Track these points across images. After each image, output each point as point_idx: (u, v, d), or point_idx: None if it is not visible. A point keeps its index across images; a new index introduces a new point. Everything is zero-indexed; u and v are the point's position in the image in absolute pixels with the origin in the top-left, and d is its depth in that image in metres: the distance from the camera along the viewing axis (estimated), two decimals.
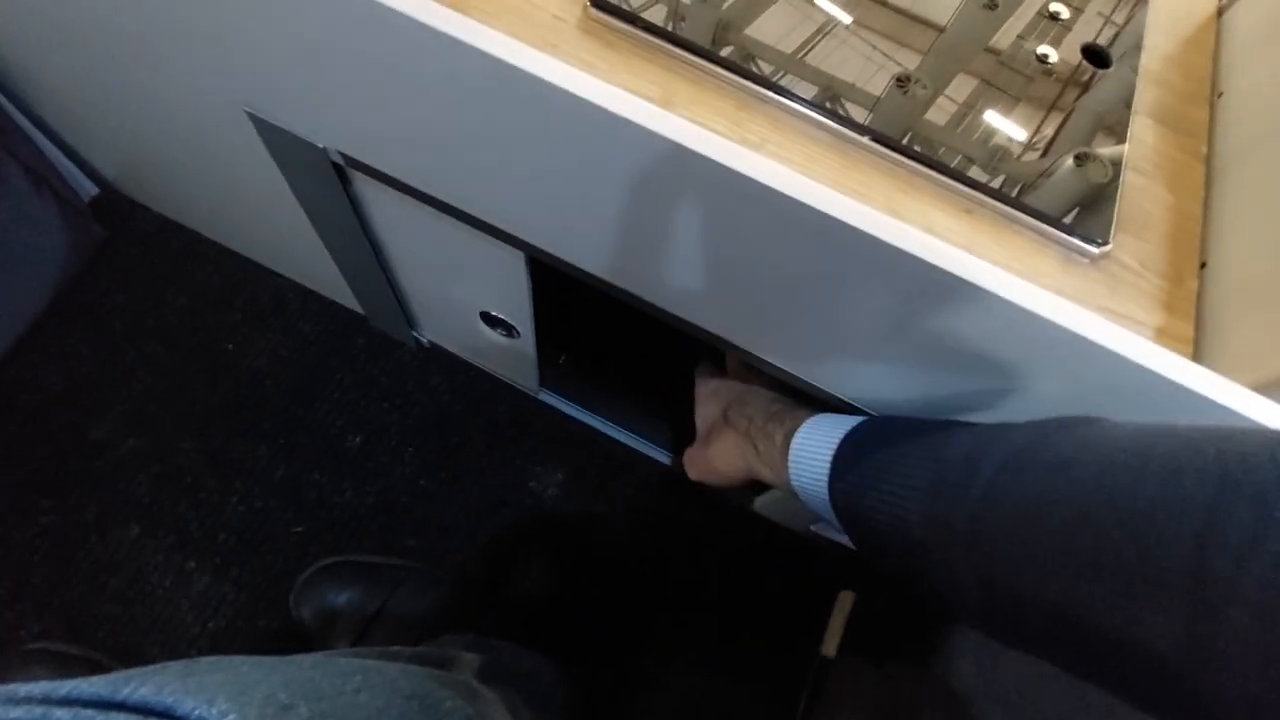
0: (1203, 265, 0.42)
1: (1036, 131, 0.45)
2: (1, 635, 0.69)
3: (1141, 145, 0.46)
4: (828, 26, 0.46)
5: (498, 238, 0.47)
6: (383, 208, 0.53)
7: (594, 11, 0.43)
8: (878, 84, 0.44)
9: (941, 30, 0.47)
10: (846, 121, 0.41)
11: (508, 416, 0.85)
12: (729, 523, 0.82)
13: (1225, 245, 0.42)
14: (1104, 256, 0.40)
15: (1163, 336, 0.39)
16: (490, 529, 0.80)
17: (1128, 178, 0.43)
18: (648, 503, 0.83)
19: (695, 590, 0.80)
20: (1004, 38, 0.48)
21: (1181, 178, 0.45)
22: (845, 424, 0.41)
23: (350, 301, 0.83)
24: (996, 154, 0.42)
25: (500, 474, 0.83)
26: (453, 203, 0.45)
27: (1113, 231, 0.40)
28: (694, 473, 0.57)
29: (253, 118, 0.48)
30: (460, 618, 0.69)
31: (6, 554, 0.73)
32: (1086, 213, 0.41)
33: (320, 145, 0.47)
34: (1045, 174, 0.42)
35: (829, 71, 0.43)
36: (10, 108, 0.79)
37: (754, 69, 0.42)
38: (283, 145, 0.49)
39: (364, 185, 0.51)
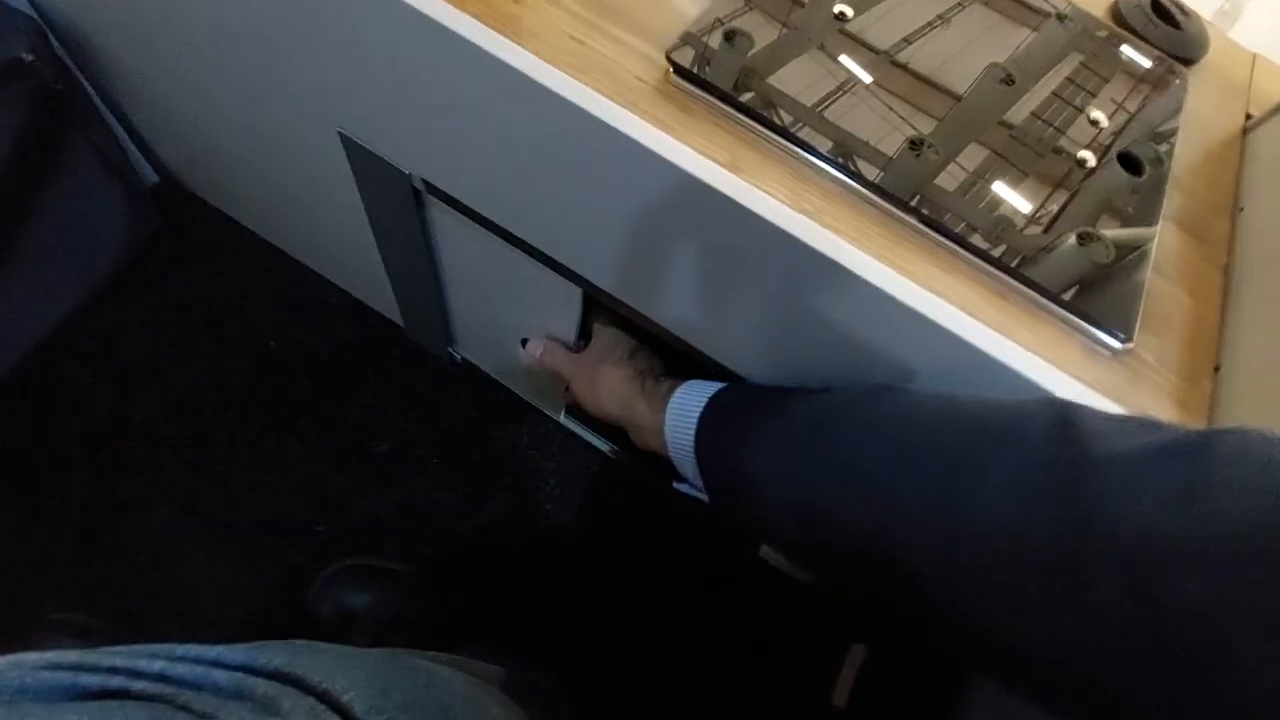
0: (1217, 369, 0.45)
1: (1041, 206, 0.47)
2: (26, 605, 0.71)
3: (1166, 249, 0.49)
4: (848, 84, 0.48)
5: (560, 273, 0.50)
6: (451, 233, 0.57)
7: (674, 77, 0.46)
8: (891, 144, 0.46)
9: (958, 99, 0.50)
10: (897, 201, 0.44)
11: (530, 438, 0.88)
12: (739, 570, 0.84)
13: (1240, 352, 0.45)
14: (1126, 352, 0.43)
15: None
16: (506, 546, 0.82)
17: (1152, 279, 0.47)
18: (660, 541, 0.85)
19: (704, 633, 0.81)
20: (1018, 113, 0.51)
21: (1201, 284, 0.48)
22: (712, 386, 0.48)
23: (392, 312, 0.86)
24: (1000, 224, 0.45)
25: (519, 492, 0.85)
26: (524, 237, 0.49)
27: (1136, 328, 0.43)
28: (579, 383, 0.59)
29: (344, 138, 0.52)
30: (474, 630, 0.71)
31: (37, 526, 0.76)
32: (1110, 307, 0.44)
33: (406, 171, 0.50)
34: (1046, 249, 0.45)
35: (846, 128, 0.46)
36: (91, 92, 0.84)
37: (775, 118, 0.45)
38: (368, 166, 0.52)
39: (437, 210, 0.55)
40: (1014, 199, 0.46)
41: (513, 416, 0.88)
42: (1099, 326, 0.43)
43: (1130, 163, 0.51)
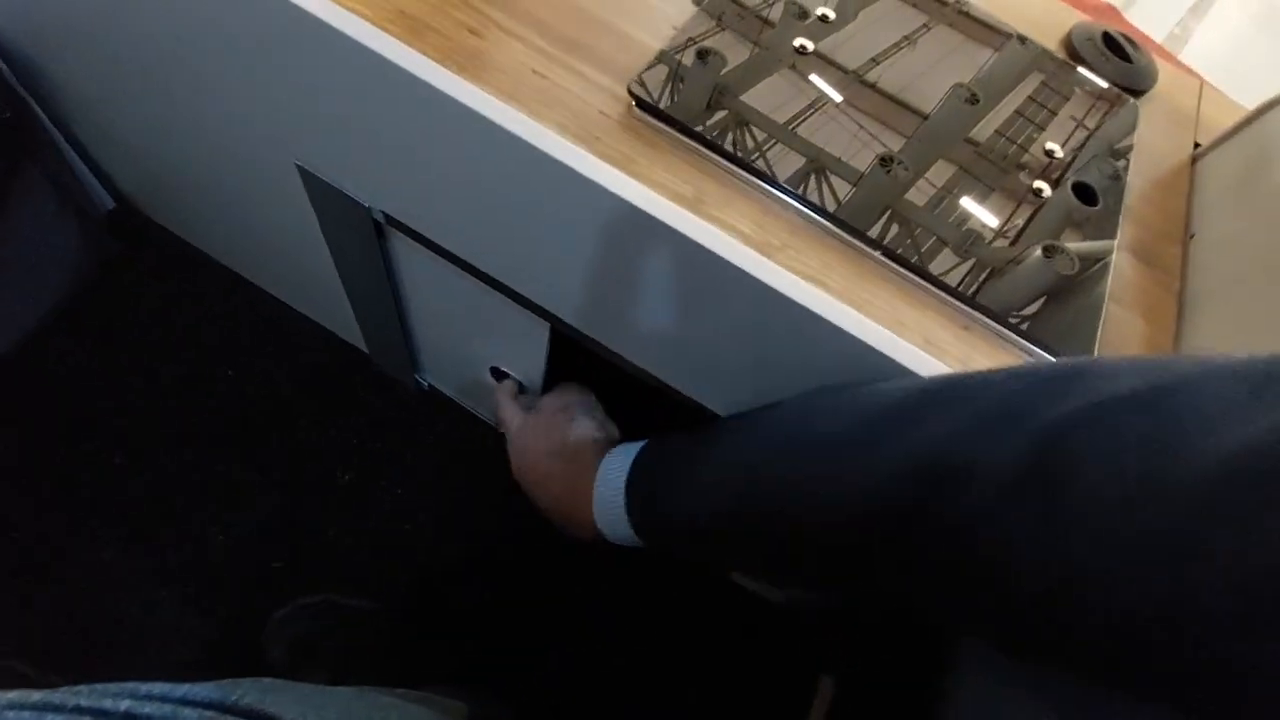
0: None
1: (1008, 220, 0.48)
2: None
3: (1122, 277, 0.50)
4: (819, 103, 0.49)
5: (525, 306, 0.49)
6: (414, 264, 0.56)
7: (637, 111, 0.46)
8: (862, 161, 0.47)
9: (925, 118, 0.51)
10: (860, 235, 0.45)
11: (498, 467, 0.86)
12: (710, 595, 0.83)
13: None
14: None
15: None
16: (470, 579, 0.81)
17: (1109, 308, 0.48)
18: (628, 572, 0.84)
19: (673, 664, 0.81)
20: (983, 131, 0.52)
21: (1156, 311, 0.49)
22: (634, 447, 0.49)
23: (357, 339, 0.85)
24: (969, 238, 0.46)
25: (488, 525, 0.84)
26: (487, 270, 0.48)
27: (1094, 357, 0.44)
28: (514, 447, 0.58)
29: (302, 170, 0.51)
30: (435, 665, 0.69)
31: None
32: (1069, 335, 0.44)
33: (365, 204, 0.49)
34: (1014, 261, 0.46)
35: (818, 144, 0.47)
36: (44, 118, 0.81)
37: (748, 137, 0.46)
38: (327, 198, 0.52)
39: (399, 242, 0.54)
40: (981, 213, 0.47)
41: (482, 444, 0.87)
42: (1058, 356, 0.44)
43: (1084, 192, 0.53)
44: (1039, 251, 0.47)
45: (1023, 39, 0.58)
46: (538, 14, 0.49)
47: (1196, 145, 0.60)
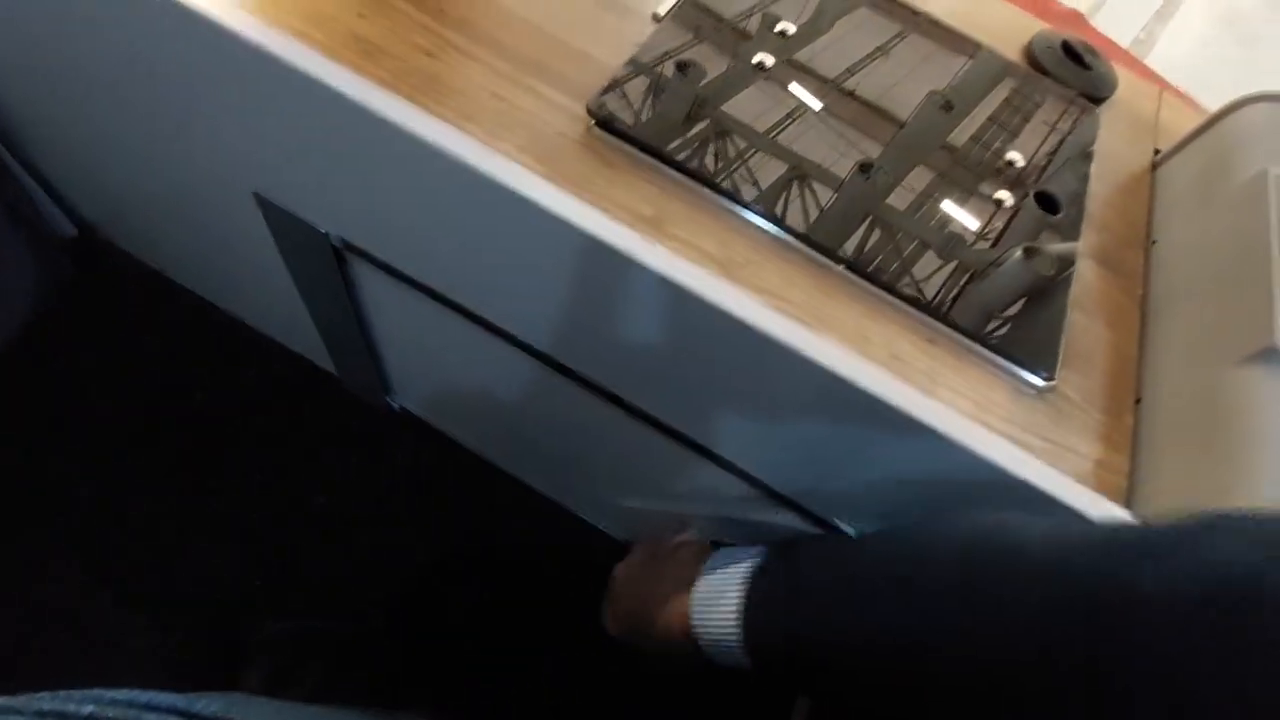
0: (1138, 401, 0.46)
1: (987, 223, 0.49)
2: None
3: (1084, 283, 0.51)
4: (798, 111, 0.50)
5: (492, 332, 0.49)
6: (377, 290, 0.55)
7: (596, 130, 0.46)
8: (843, 168, 0.48)
9: (902, 125, 0.51)
10: (825, 250, 0.45)
11: (476, 485, 0.86)
12: None
13: (1157, 384, 0.46)
14: (1050, 390, 0.44)
15: (1100, 468, 0.42)
16: (446, 602, 0.80)
17: (1072, 316, 0.48)
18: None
19: (650, 700, 0.79)
20: (959, 136, 0.53)
21: (1120, 317, 0.50)
22: (736, 570, 0.45)
23: (325, 361, 0.84)
24: (951, 241, 0.46)
25: (463, 545, 0.83)
26: (450, 296, 0.48)
27: (1059, 367, 0.44)
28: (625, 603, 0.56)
29: (259, 199, 0.50)
30: (413, 691, 0.68)
31: None
32: (1033, 345, 0.44)
33: (324, 230, 0.49)
34: (995, 264, 0.46)
35: (798, 152, 0.47)
36: (1, 148, 0.80)
37: (729, 145, 0.46)
38: (285, 226, 0.51)
39: (360, 267, 0.53)
40: (963, 216, 0.48)
41: (455, 464, 0.86)
42: (1023, 366, 0.44)
43: (1047, 201, 0.53)
44: (1019, 253, 0.47)
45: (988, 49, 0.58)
46: (496, 35, 0.48)
47: (1156, 151, 0.61)
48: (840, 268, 0.45)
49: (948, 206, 0.48)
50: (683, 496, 0.62)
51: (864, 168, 0.48)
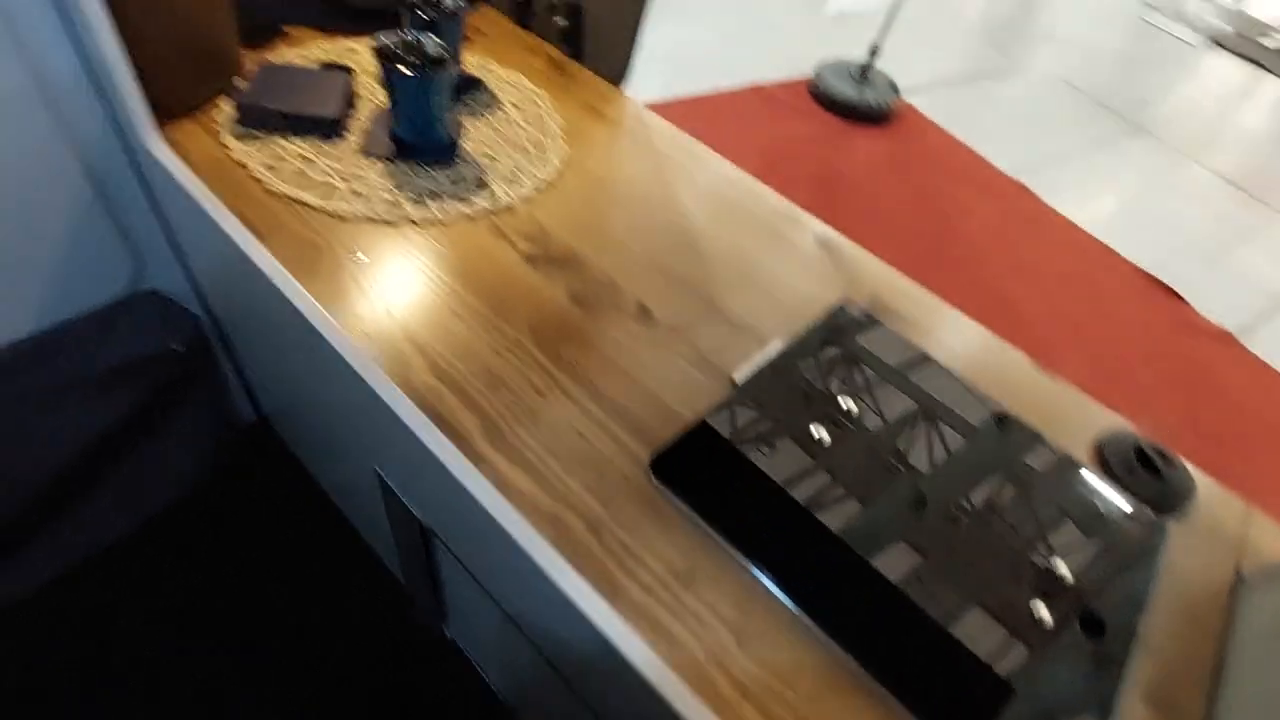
0: None
1: (1023, 643, 0.48)
2: None
3: None
4: (848, 501, 0.52)
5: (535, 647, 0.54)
6: (458, 582, 0.64)
7: (654, 480, 0.52)
8: (882, 564, 0.50)
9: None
10: (839, 634, 0.46)
11: None
12: None
13: None
14: None
15: None
16: None
17: None
18: None
19: None
20: (1006, 541, 0.52)
21: None
22: None
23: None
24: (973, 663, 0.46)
25: None
26: (515, 618, 0.54)
27: None
28: None
29: (378, 475, 0.61)
30: None
31: None
32: None
33: (418, 517, 0.58)
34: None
35: (843, 536, 0.51)
36: (220, 357, 1.01)
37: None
38: (391, 500, 0.61)
39: (445, 555, 0.62)
40: (991, 636, 0.48)
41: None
42: None
43: (1091, 623, 0.51)
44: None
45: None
46: (595, 380, 0.58)
47: (1238, 575, 0.57)
48: (850, 657, 0.46)
49: (978, 620, 0.49)
50: None
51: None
